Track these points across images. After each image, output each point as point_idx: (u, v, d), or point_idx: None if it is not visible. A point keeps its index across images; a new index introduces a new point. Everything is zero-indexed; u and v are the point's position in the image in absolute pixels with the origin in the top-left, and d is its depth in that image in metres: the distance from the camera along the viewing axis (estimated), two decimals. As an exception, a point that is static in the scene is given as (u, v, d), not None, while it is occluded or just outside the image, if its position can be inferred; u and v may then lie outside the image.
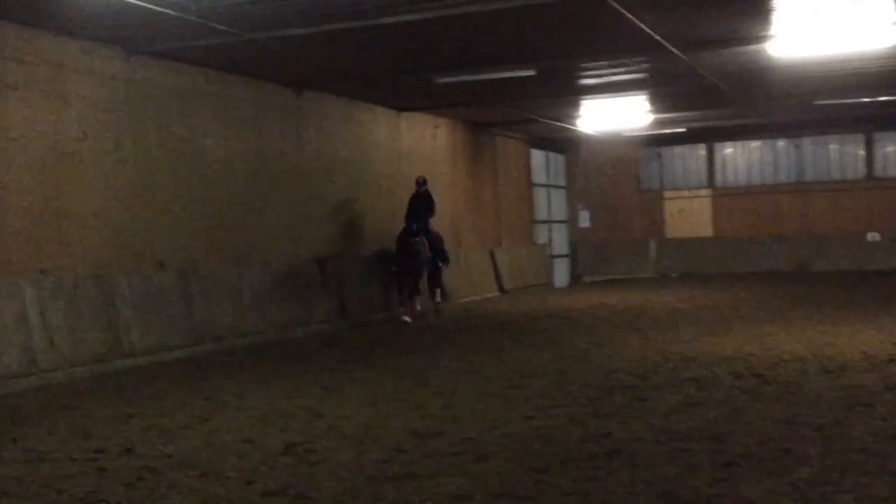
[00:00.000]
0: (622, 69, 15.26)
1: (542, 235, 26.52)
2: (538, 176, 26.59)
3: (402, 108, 18.86)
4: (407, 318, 16.25)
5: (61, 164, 11.18)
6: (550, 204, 27.33)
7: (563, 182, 28.33)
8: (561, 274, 27.43)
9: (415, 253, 16.44)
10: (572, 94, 18.08)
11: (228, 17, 10.45)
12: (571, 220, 28.44)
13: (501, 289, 22.54)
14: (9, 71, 10.52)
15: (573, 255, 28.29)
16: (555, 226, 27.50)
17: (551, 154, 27.41)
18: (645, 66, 15.04)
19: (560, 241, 27.77)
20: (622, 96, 18.12)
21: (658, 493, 5.45)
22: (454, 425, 7.61)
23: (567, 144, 27.47)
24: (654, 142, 26.48)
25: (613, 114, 19.98)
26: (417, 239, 16.48)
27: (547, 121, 21.62)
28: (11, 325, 10.05)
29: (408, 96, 17.51)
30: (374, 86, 16.08)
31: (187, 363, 11.76)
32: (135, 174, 12.31)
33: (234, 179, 14.20)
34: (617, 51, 13.65)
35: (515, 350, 12.31)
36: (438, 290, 17.69)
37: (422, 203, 16.96)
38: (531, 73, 14.21)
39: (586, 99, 18.75)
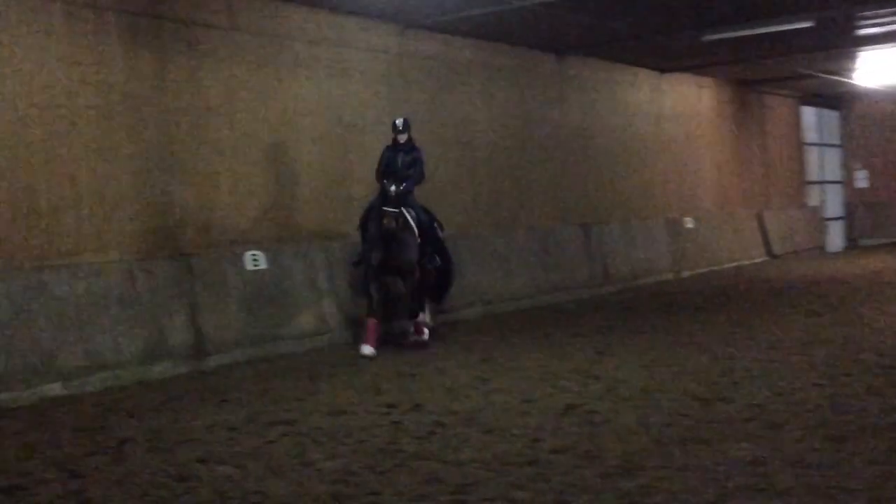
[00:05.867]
0: (911, 15, 14.07)
1: (814, 197, 25.09)
2: (809, 134, 25.12)
3: (664, 69, 18.41)
4: (368, 351, 9.81)
5: (344, 137, 11.86)
6: (823, 164, 25.77)
7: (836, 140, 26.58)
8: (835, 237, 25.83)
9: (396, 239, 9.95)
10: (850, 45, 16.87)
11: (498, -14, 10.63)
12: (846, 181, 26.68)
13: (770, 253, 21.59)
14: (298, 51, 11.27)
15: (848, 218, 26.54)
16: (828, 186, 25.91)
17: (824, 111, 25.78)
18: (937, 10, 13.78)
19: (834, 203, 26.13)
20: (908, 45, 16.72)
21: (978, 469, 5.07)
22: (737, 391, 7.43)
23: (842, 100, 25.72)
24: (943, 93, 24.20)
25: (897, 65, 18.50)
26: (396, 211, 9.79)
27: (821, 75, 20.34)
28: (304, 288, 10.81)
29: (671, 56, 17.05)
30: (637, 47, 15.78)
31: (459, 325, 12.16)
32: (409, 144, 12.83)
33: (499, 146, 14.47)
34: (907, -6, 12.59)
35: (792, 316, 11.79)
36: (427, 308, 11.06)
37: (402, 159, 10.39)
38: (809, 24, 13.40)
39: (865, 50, 17.44)
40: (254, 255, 10.29)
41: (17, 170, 8.59)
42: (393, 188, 9.79)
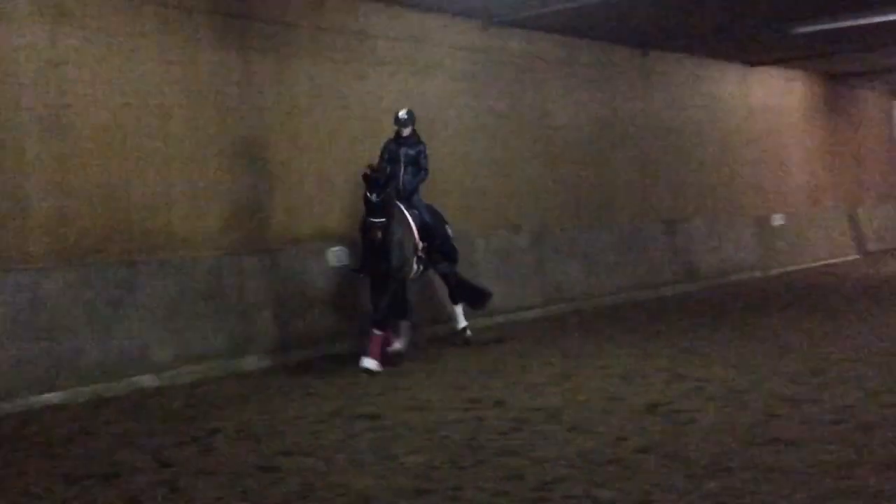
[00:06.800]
0: None
1: (908, 193, 24.29)
2: (904, 129, 24.34)
3: (752, 63, 18.03)
4: (370, 364, 8.91)
5: (426, 133, 11.81)
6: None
7: (932, 134, 25.67)
8: (931, 235, 24.94)
9: (381, 246, 9.11)
10: (949, 36, 16.28)
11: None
12: (943, 176, 25.74)
13: (863, 251, 20.97)
14: (380, 48, 11.36)
15: (945, 215, 25.61)
16: (924, 183, 25.04)
17: (919, 104, 24.95)
18: None
19: (930, 200, 25.25)
20: None
21: None
22: (827, 392, 7.25)
23: (938, 92, 24.84)
24: None
25: None
26: (380, 221, 8.98)
27: (916, 68, 19.69)
28: (387, 283, 10.88)
29: (759, 50, 16.69)
30: (724, 41, 15.48)
31: (542, 322, 12.11)
32: (490, 140, 12.84)
33: (581, 142, 14.37)
34: None
35: (885, 315, 11.44)
36: (461, 306, 10.57)
37: (405, 154, 9.92)
38: (903, 16, 12.98)
39: (966, 40, 16.81)
40: (336, 251, 10.41)
41: (110, 168, 8.85)
42: (374, 196, 8.95)
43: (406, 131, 9.95)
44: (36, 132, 8.37)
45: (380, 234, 8.99)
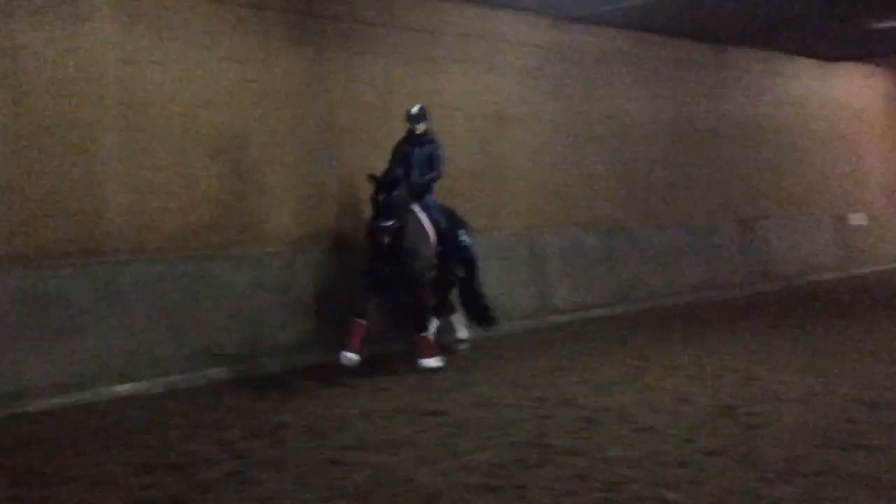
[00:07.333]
0: None
1: None
2: None
3: (831, 59, 17.59)
4: (346, 359, 8.44)
5: (497, 130, 11.89)
6: None
7: None
8: None
9: (393, 251, 8.60)
10: None
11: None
12: None
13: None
14: (452, 46, 11.37)
15: None
16: None
17: None
18: None
19: None
20: None
21: None
22: (907, 397, 7.05)
23: None
24: None
25: None
26: (389, 224, 8.48)
27: None
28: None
29: (838, 45, 16.26)
30: (802, 36, 15.13)
31: (611, 321, 12.00)
32: (561, 137, 12.76)
33: (654, 140, 14.19)
34: None
35: (971, 320, 11.08)
36: (454, 316, 9.98)
37: (417, 153, 9.38)
38: None
39: None
40: None
41: (184, 163, 9.01)
42: (381, 197, 8.48)
43: (420, 128, 9.38)
44: (113, 128, 8.56)
45: (387, 239, 8.46)
